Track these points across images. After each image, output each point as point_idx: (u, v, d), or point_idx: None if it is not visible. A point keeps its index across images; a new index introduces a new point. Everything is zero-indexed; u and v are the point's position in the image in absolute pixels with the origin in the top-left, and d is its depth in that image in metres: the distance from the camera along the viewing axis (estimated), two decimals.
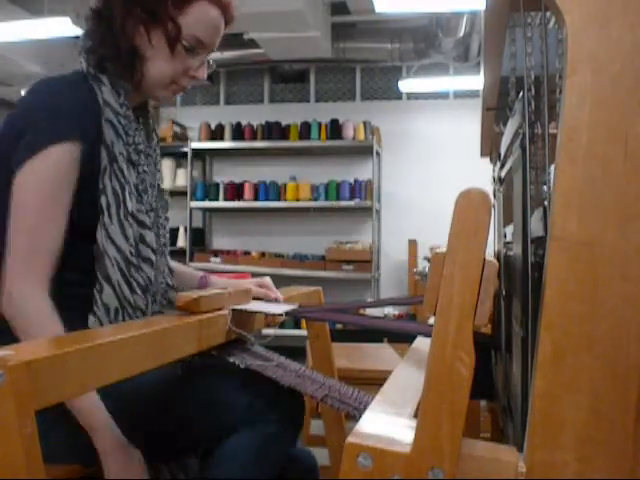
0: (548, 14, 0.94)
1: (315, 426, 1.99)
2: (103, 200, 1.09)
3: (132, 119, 1.15)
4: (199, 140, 5.67)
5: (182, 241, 5.75)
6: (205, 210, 5.98)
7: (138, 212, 1.14)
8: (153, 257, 1.17)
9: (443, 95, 5.66)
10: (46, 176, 1.03)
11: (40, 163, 1.03)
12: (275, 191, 5.53)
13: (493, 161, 1.91)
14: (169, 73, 1.16)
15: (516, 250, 0.93)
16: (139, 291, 1.12)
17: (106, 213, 1.08)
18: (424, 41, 5.02)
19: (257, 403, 1.06)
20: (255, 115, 5.76)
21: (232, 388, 1.09)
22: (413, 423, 0.59)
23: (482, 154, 2.55)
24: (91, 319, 1.07)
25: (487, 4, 1.16)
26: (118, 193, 1.10)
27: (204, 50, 1.19)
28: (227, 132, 5.59)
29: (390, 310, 5.19)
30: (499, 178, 1.46)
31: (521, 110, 0.82)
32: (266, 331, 1.24)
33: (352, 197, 5.40)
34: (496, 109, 1.74)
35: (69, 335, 0.79)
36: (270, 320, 1.26)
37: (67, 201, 1.06)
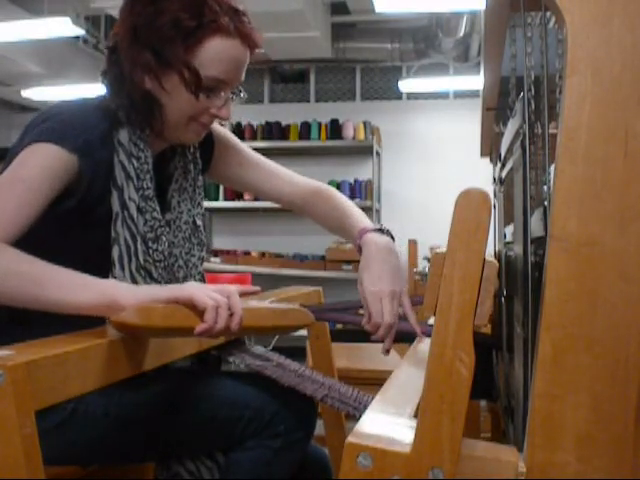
0: (548, 14, 0.94)
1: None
2: (115, 251, 1.03)
3: (144, 161, 1.07)
4: None
5: None
6: (205, 210, 5.98)
7: (146, 263, 1.06)
8: None
9: (443, 95, 5.66)
10: (23, 162, 0.97)
11: (27, 153, 0.97)
12: None
13: (493, 161, 1.91)
14: (189, 114, 1.07)
15: (516, 250, 0.93)
16: None
17: (117, 265, 1.03)
18: (424, 41, 5.02)
19: (265, 414, 1.04)
20: (255, 115, 5.76)
21: (240, 396, 1.07)
22: (413, 423, 0.59)
23: (482, 154, 2.56)
24: None
25: (487, 4, 1.16)
26: (129, 244, 1.04)
27: (226, 87, 1.07)
28: None
29: None
30: (499, 178, 1.46)
31: (521, 110, 0.82)
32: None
33: (352, 197, 5.39)
34: (496, 109, 1.74)
35: (69, 335, 0.79)
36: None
37: (42, 191, 0.96)
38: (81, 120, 1.02)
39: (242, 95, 1.14)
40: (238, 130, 5.58)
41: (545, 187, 0.80)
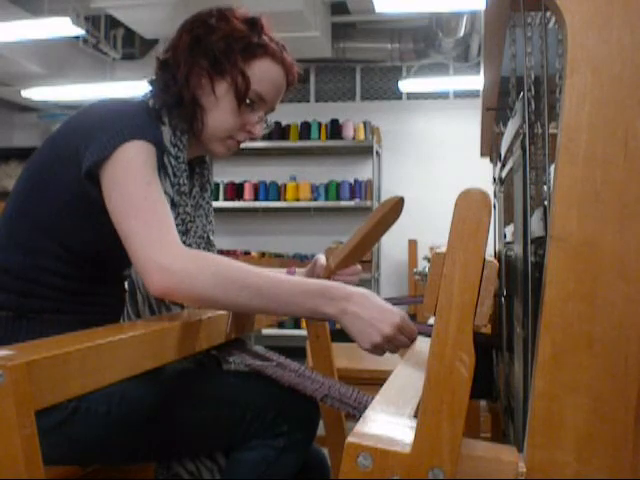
0: (548, 14, 0.94)
1: None
2: None
3: (182, 161, 1.12)
4: None
5: None
6: None
7: None
8: None
9: (443, 95, 5.66)
10: (133, 165, 0.99)
11: (121, 156, 0.99)
12: (275, 191, 5.53)
13: (493, 161, 1.91)
14: (228, 126, 1.14)
15: (516, 250, 0.93)
16: None
17: None
18: (424, 41, 5.02)
19: (268, 414, 1.05)
20: None
21: (242, 396, 1.08)
22: (413, 423, 0.59)
23: (482, 154, 2.55)
24: None
25: (487, 4, 1.16)
26: None
27: (264, 107, 1.17)
28: None
29: None
30: (499, 178, 1.46)
31: (521, 110, 0.82)
32: (266, 331, 1.24)
33: (352, 197, 5.40)
34: (496, 109, 1.74)
35: (69, 335, 0.79)
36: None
37: (160, 187, 1.01)
38: (146, 117, 1.08)
39: (270, 124, 1.24)
40: None
41: (545, 187, 0.80)
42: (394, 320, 0.95)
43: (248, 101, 1.14)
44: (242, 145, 1.21)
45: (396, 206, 1.26)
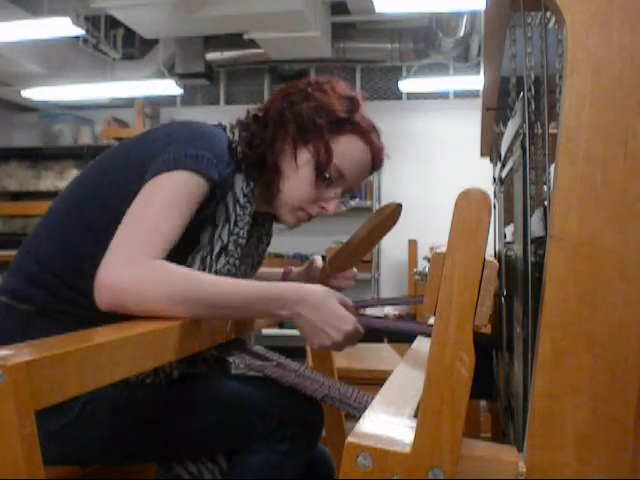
0: (548, 14, 0.94)
1: None
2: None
3: (248, 213, 1.11)
4: None
5: None
6: None
7: None
8: None
9: (443, 95, 5.66)
10: (173, 187, 0.98)
11: (173, 177, 0.98)
12: None
13: (493, 161, 1.91)
14: (303, 197, 1.12)
15: (516, 250, 0.93)
16: None
17: None
18: (424, 41, 5.02)
19: (273, 418, 1.04)
20: None
21: (247, 400, 1.07)
22: (413, 423, 0.59)
23: (482, 154, 2.55)
24: None
25: (487, 4, 1.15)
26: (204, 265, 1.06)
27: (343, 184, 1.14)
28: None
29: (390, 310, 5.19)
30: (499, 178, 1.46)
31: (521, 110, 0.82)
32: (266, 331, 1.24)
33: (352, 197, 5.39)
34: (496, 109, 1.74)
35: (69, 335, 0.79)
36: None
37: (185, 216, 0.99)
38: (223, 154, 1.05)
39: (350, 205, 1.21)
40: None
41: (545, 187, 0.80)
42: (347, 329, 0.97)
43: (327, 175, 1.11)
44: None
45: (393, 213, 1.26)
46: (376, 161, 1.17)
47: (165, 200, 0.97)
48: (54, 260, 1.03)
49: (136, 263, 0.91)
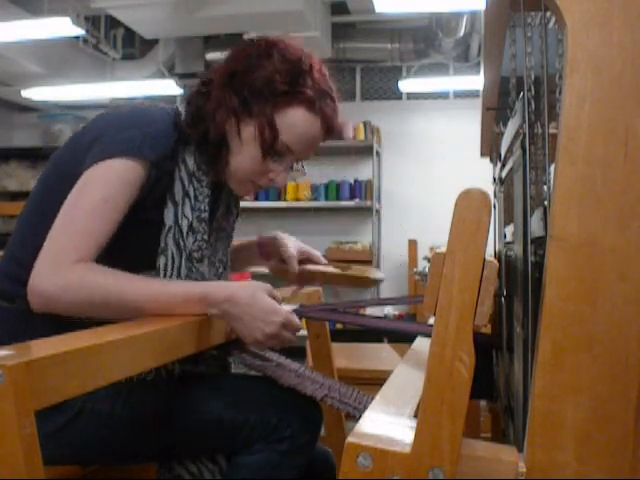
0: (548, 14, 0.94)
1: None
2: (162, 260, 1.06)
3: (206, 185, 1.10)
4: None
5: None
6: None
7: (186, 278, 1.09)
8: None
9: (443, 95, 5.66)
10: (106, 180, 0.98)
11: (103, 168, 0.98)
12: (275, 191, 5.53)
13: (493, 161, 1.91)
14: (250, 172, 1.10)
15: (516, 250, 0.93)
16: None
17: (162, 274, 1.06)
18: (424, 41, 5.02)
19: (272, 418, 1.04)
20: None
21: (246, 400, 1.07)
22: (413, 423, 0.59)
23: (482, 154, 2.55)
24: None
25: (487, 4, 1.15)
26: (175, 257, 1.07)
27: (292, 157, 1.11)
28: None
29: (390, 310, 5.19)
30: (499, 178, 1.46)
31: (521, 110, 0.82)
32: None
33: (352, 197, 5.39)
34: (496, 109, 1.74)
35: (69, 335, 0.79)
36: None
37: (121, 208, 0.99)
38: (158, 132, 1.04)
39: (304, 173, 1.20)
40: None
41: (545, 187, 0.80)
42: (277, 320, 0.96)
43: (275, 151, 1.08)
44: None
45: (373, 283, 1.37)
46: (329, 129, 1.11)
47: (96, 197, 0.97)
48: (27, 259, 1.05)
49: (61, 268, 0.92)
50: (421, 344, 1.15)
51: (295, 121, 1.07)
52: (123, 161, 0.99)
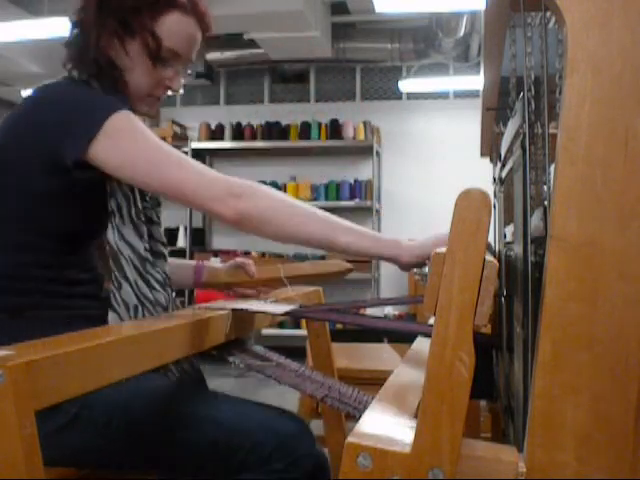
0: (548, 14, 0.94)
1: (315, 426, 1.99)
2: (113, 202, 1.09)
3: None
4: (199, 140, 5.67)
5: (182, 241, 5.75)
6: None
7: (145, 209, 1.14)
8: (165, 251, 1.18)
9: (443, 95, 5.66)
10: (134, 125, 1.05)
11: (113, 124, 1.03)
12: None
13: (493, 161, 1.91)
14: (146, 85, 1.16)
15: (516, 250, 0.93)
16: (158, 287, 1.12)
17: (117, 215, 1.08)
18: (424, 41, 5.02)
19: (265, 448, 0.99)
20: (255, 115, 5.76)
21: (243, 424, 1.03)
22: (413, 423, 0.59)
23: (482, 154, 2.55)
24: (111, 315, 1.07)
25: (487, 4, 1.15)
26: (128, 195, 1.10)
27: (179, 61, 1.18)
28: (227, 132, 5.59)
29: (390, 310, 5.19)
30: (499, 178, 1.46)
31: (521, 110, 0.82)
32: (266, 331, 1.24)
33: (352, 197, 5.40)
34: (496, 109, 1.74)
35: (69, 335, 0.79)
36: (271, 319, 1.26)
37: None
38: (99, 93, 1.11)
39: (189, 72, 1.25)
40: (238, 130, 5.59)
41: (545, 187, 0.80)
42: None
43: (163, 57, 1.15)
44: (242, 145, 1.22)
45: (343, 272, 1.43)
46: (203, 27, 1.19)
47: (149, 135, 1.05)
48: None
49: (235, 184, 1.05)
50: (421, 344, 1.14)
51: (173, 25, 1.14)
52: (121, 113, 1.04)
